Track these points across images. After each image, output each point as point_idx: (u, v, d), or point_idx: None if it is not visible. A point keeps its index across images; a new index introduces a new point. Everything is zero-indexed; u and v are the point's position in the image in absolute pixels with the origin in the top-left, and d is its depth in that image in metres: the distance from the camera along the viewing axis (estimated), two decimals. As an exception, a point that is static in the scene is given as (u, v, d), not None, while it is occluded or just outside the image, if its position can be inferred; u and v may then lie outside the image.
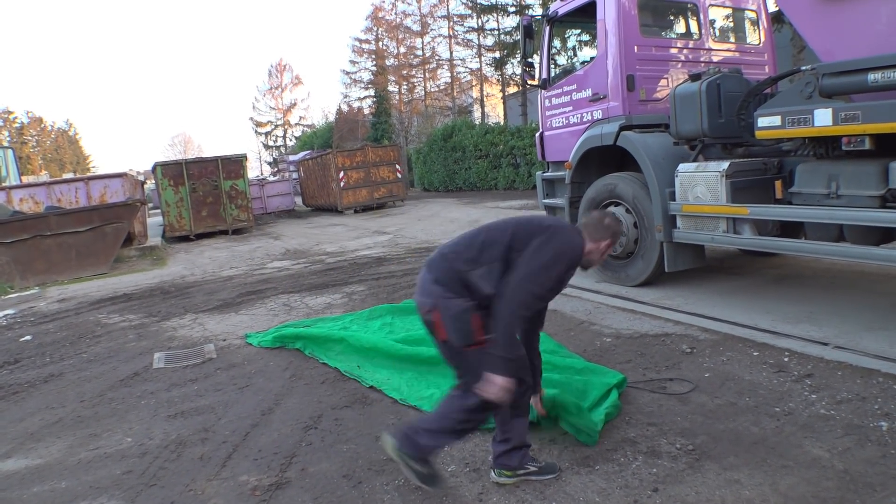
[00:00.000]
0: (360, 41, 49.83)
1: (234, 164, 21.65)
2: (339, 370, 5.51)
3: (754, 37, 8.74)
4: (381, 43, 48.28)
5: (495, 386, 3.10)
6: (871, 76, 4.80)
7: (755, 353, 5.05)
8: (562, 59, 10.33)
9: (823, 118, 5.11)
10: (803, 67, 5.47)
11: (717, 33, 8.58)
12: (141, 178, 28.95)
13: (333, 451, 4.05)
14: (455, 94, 43.49)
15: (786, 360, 4.86)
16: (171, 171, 20.77)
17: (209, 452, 4.19)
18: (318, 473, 3.77)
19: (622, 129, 7.52)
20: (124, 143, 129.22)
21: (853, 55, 5.13)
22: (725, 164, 6.22)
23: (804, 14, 5.72)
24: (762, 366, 4.78)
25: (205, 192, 20.90)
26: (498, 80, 38.20)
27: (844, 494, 3.06)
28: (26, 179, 29.22)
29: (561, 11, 8.67)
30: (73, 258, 13.53)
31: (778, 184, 6.10)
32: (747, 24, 8.82)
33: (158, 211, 23.02)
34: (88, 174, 41.30)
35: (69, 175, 57.26)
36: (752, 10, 8.64)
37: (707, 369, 4.82)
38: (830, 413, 3.90)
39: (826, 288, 6.91)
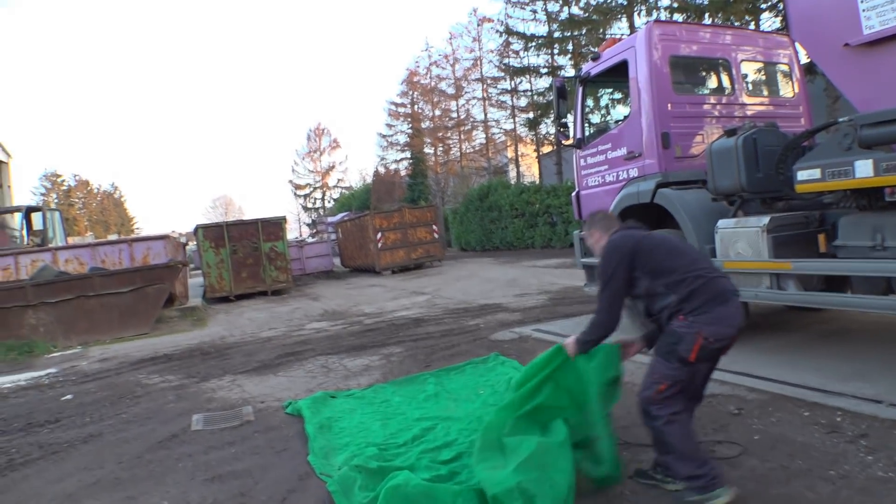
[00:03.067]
0: (396, 105, 51.04)
1: (274, 226, 21.94)
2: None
3: (788, 89, 8.72)
4: (416, 106, 49.29)
5: None
6: (912, 125, 4.73)
7: (806, 413, 4.88)
8: (596, 119, 10.37)
9: (864, 169, 5.03)
10: (841, 119, 5.40)
11: (751, 87, 8.57)
12: (183, 239, 29.47)
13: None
14: (490, 154, 44.00)
15: (838, 419, 4.69)
16: (213, 233, 21.12)
17: (245, 517, 4.14)
18: (355, 538, 3.69)
19: (659, 186, 7.49)
20: (168, 206, 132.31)
21: (891, 104, 5.07)
22: (766, 219, 6.13)
23: (838, 65, 5.70)
24: (814, 426, 4.62)
25: (245, 254, 21.17)
26: (532, 140, 38.63)
27: (906, 561, 2.90)
28: (72, 240, 29.92)
29: (593, 72, 8.75)
30: (116, 318, 13.74)
31: (821, 237, 5.98)
32: (780, 77, 8.81)
33: (199, 272, 23.32)
34: (132, 236, 42.18)
35: (114, 236, 58.58)
36: (784, 63, 8.63)
37: (756, 431, 4.66)
38: (889, 475, 3.73)
39: (876, 343, 6.70)
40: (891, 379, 5.41)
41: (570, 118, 9.31)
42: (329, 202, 68.97)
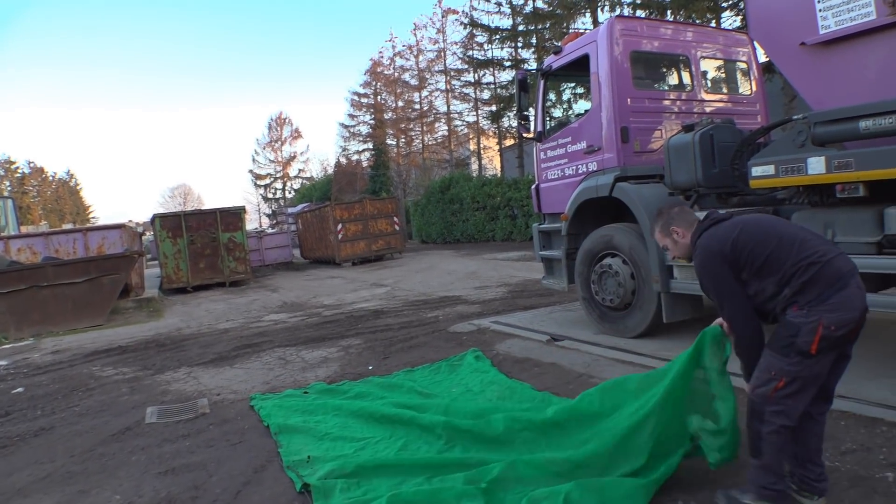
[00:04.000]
0: (359, 95, 50.83)
1: (233, 217, 21.73)
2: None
3: (746, 87, 8.85)
4: (379, 97, 49.14)
5: None
6: (863, 123, 4.83)
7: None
8: (557, 112, 10.45)
9: (817, 166, 5.13)
10: (795, 116, 5.50)
11: (709, 84, 8.70)
12: (140, 229, 29.06)
13: (327, 508, 3.92)
14: (452, 146, 44.04)
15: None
16: (170, 223, 20.84)
17: (199, 511, 4.08)
18: (311, 533, 3.66)
19: (617, 180, 7.56)
20: (125, 194, 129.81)
21: (844, 103, 5.18)
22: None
23: (794, 64, 5.79)
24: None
25: (203, 244, 20.92)
26: (494, 133, 38.70)
27: (851, 549, 2.98)
28: (26, 229, 29.30)
29: (555, 65, 8.79)
30: (70, 309, 13.47)
31: (774, 232, 6.08)
32: (738, 75, 8.94)
33: (156, 262, 23.03)
34: (87, 225, 41.38)
35: (69, 225, 57.38)
36: (742, 61, 8.76)
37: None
38: (835, 465, 3.83)
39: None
40: (839, 371, 5.53)
41: (531, 111, 9.34)
42: (290, 193, 68.42)
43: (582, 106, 9.74)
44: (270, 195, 69.89)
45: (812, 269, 3.16)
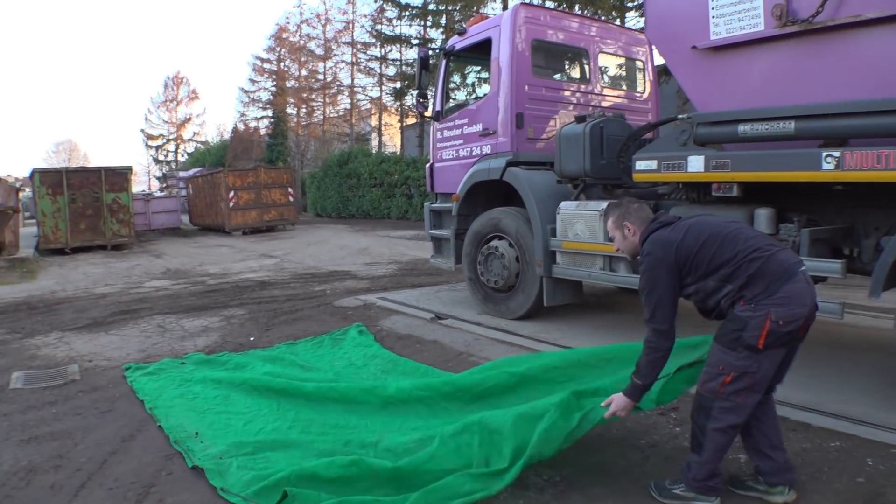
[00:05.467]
0: (262, 60, 49.55)
1: (119, 177, 20.82)
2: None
3: (640, 86, 9.12)
4: (282, 64, 48.04)
5: None
6: (742, 128, 5.06)
7: (624, 389, 5.15)
8: (457, 93, 10.57)
9: (696, 164, 5.34)
10: (680, 116, 5.71)
11: (606, 80, 8.91)
12: (18, 184, 27.44)
13: (195, 481, 3.83)
14: (354, 121, 43.63)
15: (652, 395, 4.99)
16: (51, 180, 19.74)
17: (61, 481, 3.89)
18: (176, 504, 3.55)
19: (509, 164, 7.66)
20: (4, 147, 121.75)
21: (727, 107, 5.41)
22: (605, 204, 6.40)
23: (683, 65, 5.99)
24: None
25: (85, 204, 19.93)
26: (397, 111, 38.60)
27: (697, 527, 3.13)
28: None
29: (458, 46, 8.79)
30: (-69, 266, 12.59)
31: (653, 225, 6.30)
32: (634, 73, 9.20)
33: (34, 221, 21.82)
34: (-42, 177, 38.77)
35: (-64, 177, 53.56)
36: (640, 61, 9.02)
37: (577, 403, 4.88)
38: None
39: (695, 325, 7.12)
40: (704, 361, 5.80)
41: (431, 90, 9.33)
42: (183, 156, 66.02)
43: (482, 90, 9.79)
44: (162, 157, 67.27)
45: (756, 263, 3.14)
